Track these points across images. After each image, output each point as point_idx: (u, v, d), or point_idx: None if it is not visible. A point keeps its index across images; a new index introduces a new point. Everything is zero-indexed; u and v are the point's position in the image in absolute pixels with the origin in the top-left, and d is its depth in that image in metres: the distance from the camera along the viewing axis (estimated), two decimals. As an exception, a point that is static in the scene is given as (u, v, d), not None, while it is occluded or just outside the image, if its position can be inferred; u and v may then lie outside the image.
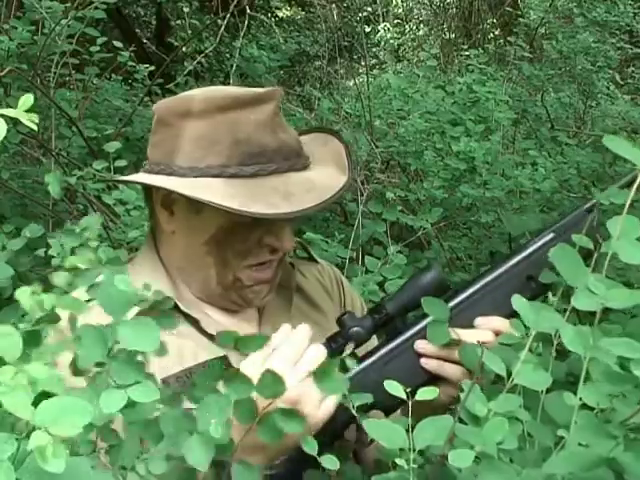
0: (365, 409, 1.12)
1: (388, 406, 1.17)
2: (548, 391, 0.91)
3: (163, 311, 0.90)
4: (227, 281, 1.30)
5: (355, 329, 1.22)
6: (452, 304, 1.20)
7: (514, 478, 0.81)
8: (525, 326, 0.93)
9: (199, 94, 1.29)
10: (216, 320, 1.32)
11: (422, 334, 1.20)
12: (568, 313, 0.89)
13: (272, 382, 0.91)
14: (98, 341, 0.84)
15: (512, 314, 1.06)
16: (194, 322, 1.29)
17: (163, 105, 1.32)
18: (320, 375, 0.96)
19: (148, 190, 1.34)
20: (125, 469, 0.83)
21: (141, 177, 1.31)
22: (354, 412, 1.05)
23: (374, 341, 1.30)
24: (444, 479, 0.87)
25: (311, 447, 0.95)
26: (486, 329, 1.18)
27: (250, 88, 1.34)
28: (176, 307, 1.28)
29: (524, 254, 1.21)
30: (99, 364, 0.84)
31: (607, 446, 0.76)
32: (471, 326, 1.20)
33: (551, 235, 1.20)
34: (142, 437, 0.85)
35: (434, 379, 1.19)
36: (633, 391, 0.81)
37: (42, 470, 0.68)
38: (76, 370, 0.85)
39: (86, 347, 0.84)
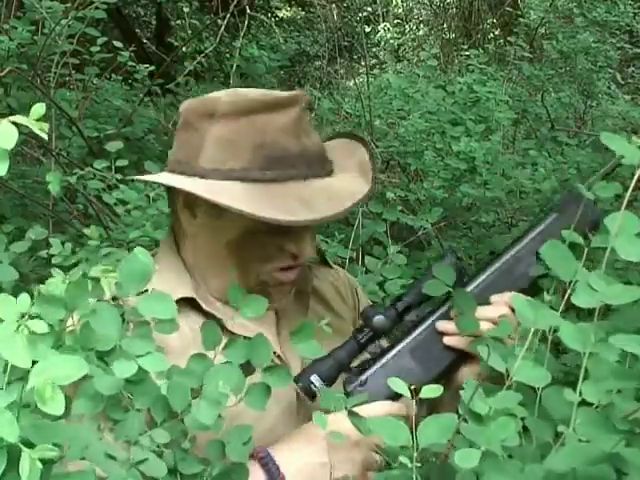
0: (395, 395, 1.17)
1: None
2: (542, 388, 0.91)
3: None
4: (250, 284, 1.29)
5: (379, 318, 1.26)
6: (470, 288, 1.27)
7: (518, 476, 0.81)
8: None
9: (225, 96, 1.28)
10: (238, 322, 1.32)
11: (444, 317, 1.27)
12: (561, 308, 0.89)
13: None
14: (112, 314, 0.87)
15: (526, 291, 1.18)
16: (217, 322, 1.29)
17: (189, 106, 1.32)
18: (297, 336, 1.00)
19: (171, 190, 1.34)
20: (129, 442, 0.85)
21: (164, 177, 1.30)
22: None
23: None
24: (446, 477, 0.88)
25: None
26: (502, 304, 1.23)
27: (275, 91, 1.32)
28: (199, 307, 1.30)
29: (532, 235, 1.27)
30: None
31: (609, 441, 0.76)
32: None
33: (554, 215, 1.27)
34: (149, 410, 0.87)
35: (459, 359, 1.25)
36: (631, 387, 0.81)
37: (42, 422, 0.71)
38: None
39: (101, 320, 0.86)
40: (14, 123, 0.77)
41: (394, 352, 1.26)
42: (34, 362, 0.73)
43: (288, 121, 1.26)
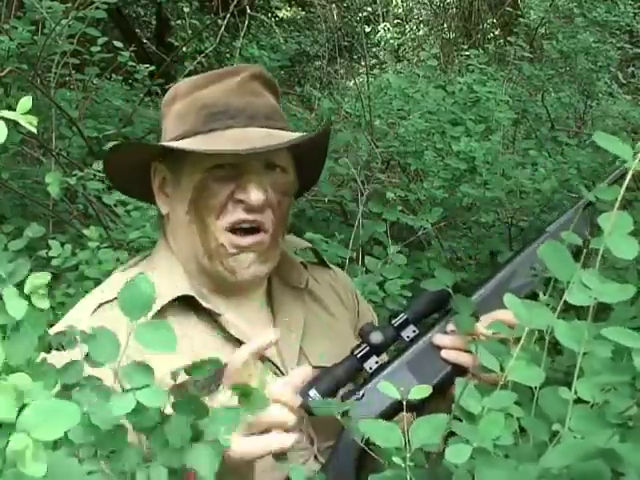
0: (393, 410, 1.19)
1: (415, 405, 1.20)
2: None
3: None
4: (210, 248, 1.31)
5: (376, 334, 1.28)
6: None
7: (511, 473, 0.81)
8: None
9: (184, 80, 1.41)
10: (232, 322, 1.32)
11: (441, 332, 1.30)
12: (559, 308, 0.89)
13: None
14: (111, 343, 0.85)
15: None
16: (212, 318, 1.30)
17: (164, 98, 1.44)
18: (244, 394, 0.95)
19: (154, 181, 1.40)
20: (125, 475, 0.83)
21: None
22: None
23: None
24: (440, 476, 0.88)
25: None
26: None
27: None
28: (194, 302, 1.30)
29: (525, 252, 1.31)
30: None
31: (603, 437, 0.76)
32: None
33: (547, 234, 1.30)
34: (146, 443, 0.85)
35: (454, 372, 1.25)
36: (625, 384, 0.81)
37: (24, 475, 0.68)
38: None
39: (99, 348, 0.84)
40: (3, 118, 0.76)
41: (391, 367, 1.28)
42: (24, 407, 0.70)
43: (231, 85, 1.35)
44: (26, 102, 0.79)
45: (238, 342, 1.28)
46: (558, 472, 0.79)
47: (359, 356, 1.27)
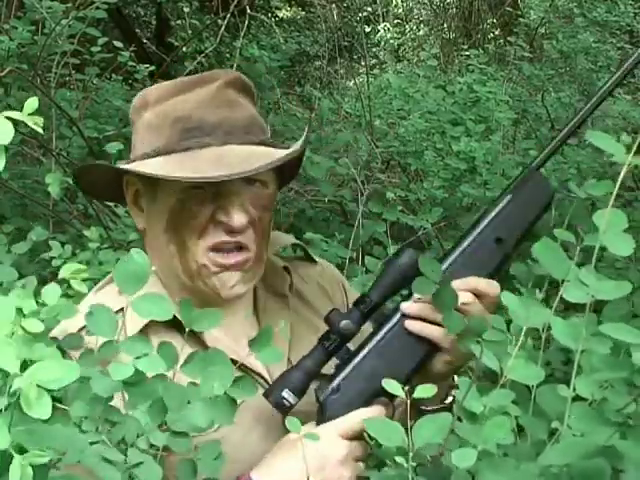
0: (371, 397, 1.18)
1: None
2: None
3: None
4: (191, 269, 1.26)
5: (344, 323, 1.23)
6: None
7: (514, 475, 0.81)
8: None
9: (154, 87, 1.34)
10: (216, 336, 1.28)
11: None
12: (555, 305, 0.89)
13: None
14: (109, 318, 0.87)
15: (491, 275, 1.21)
16: (196, 335, 1.24)
17: (132, 104, 1.36)
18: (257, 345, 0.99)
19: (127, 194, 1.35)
20: (126, 444, 0.84)
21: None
22: None
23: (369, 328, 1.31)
24: (441, 476, 0.88)
25: None
26: (464, 290, 1.19)
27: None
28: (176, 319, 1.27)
29: (488, 219, 1.26)
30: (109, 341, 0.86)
31: (604, 434, 0.76)
32: None
33: (508, 197, 1.26)
34: (145, 413, 0.87)
35: (429, 352, 1.22)
36: (623, 381, 0.81)
37: (36, 427, 0.70)
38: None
39: (97, 323, 0.86)
40: (9, 118, 0.76)
41: (363, 354, 1.23)
42: (27, 363, 0.72)
43: (205, 95, 1.28)
44: (32, 103, 0.79)
45: None
46: (558, 470, 0.79)
47: (330, 348, 1.22)
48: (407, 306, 1.22)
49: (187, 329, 0.98)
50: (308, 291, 1.44)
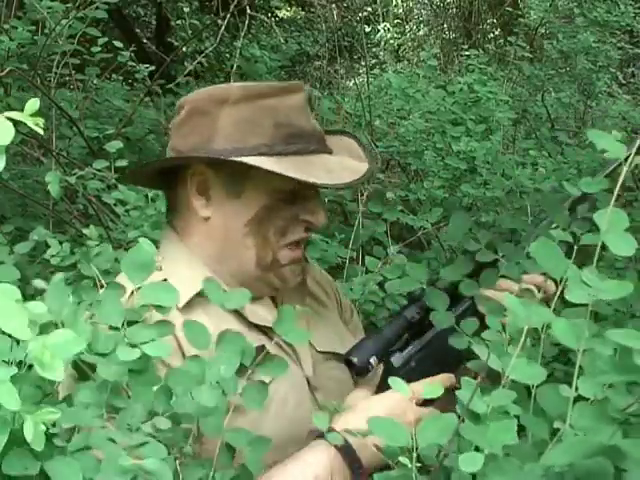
0: (439, 369, 1.26)
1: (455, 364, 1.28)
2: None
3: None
4: (266, 262, 1.35)
5: (422, 302, 1.32)
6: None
7: (518, 476, 0.81)
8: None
9: (235, 85, 1.37)
10: (252, 310, 1.35)
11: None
12: (553, 305, 0.89)
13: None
14: (117, 304, 0.88)
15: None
16: (234, 311, 1.31)
17: (197, 96, 1.36)
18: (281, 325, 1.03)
19: (172, 181, 1.37)
20: (131, 429, 0.85)
21: (194, 158, 1.33)
22: None
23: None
24: (445, 477, 0.88)
25: None
26: (530, 284, 1.26)
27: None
28: None
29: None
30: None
31: (606, 433, 0.76)
32: None
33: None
34: (151, 398, 0.88)
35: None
36: (625, 381, 0.81)
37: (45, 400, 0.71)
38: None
39: (106, 309, 0.87)
40: (10, 119, 0.76)
41: (435, 331, 1.31)
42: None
43: (298, 103, 1.34)
44: (33, 104, 0.79)
45: (258, 329, 1.33)
46: (561, 470, 0.79)
47: (413, 320, 1.31)
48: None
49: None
50: (312, 285, 1.52)
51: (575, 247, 0.93)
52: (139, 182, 1.64)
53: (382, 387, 1.27)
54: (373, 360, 1.28)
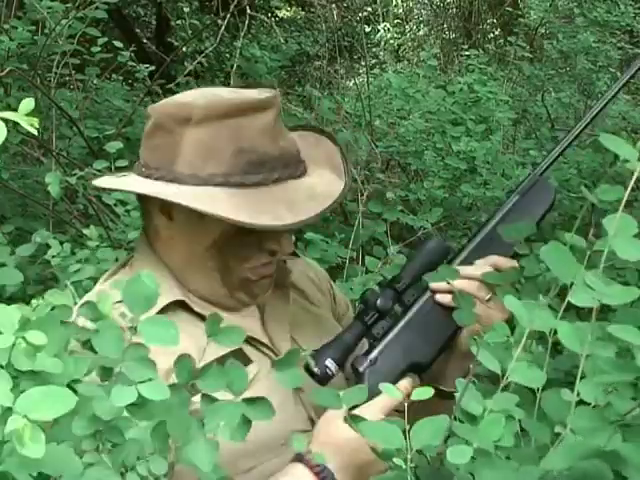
0: (407, 369, 1.28)
1: (423, 364, 1.31)
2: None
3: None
4: (232, 283, 1.31)
5: (380, 300, 1.32)
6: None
7: (511, 474, 0.81)
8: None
9: (199, 99, 1.26)
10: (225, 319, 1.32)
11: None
12: (562, 310, 0.89)
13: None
14: (115, 337, 0.85)
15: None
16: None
17: (162, 109, 1.29)
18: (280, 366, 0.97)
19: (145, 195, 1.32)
20: (126, 468, 0.83)
21: (144, 187, 1.28)
22: None
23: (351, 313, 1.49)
24: (441, 478, 0.88)
25: None
26: (484, 265, 1.31)
27: (247, 91, 1.31)
28: (187, 307, 1.30)
29: (499, 217, 1.41)
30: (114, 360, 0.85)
31: (605, 436, 0.76)
32: None
33: (517, 197, 1.44)
34: (148, 437, 0.85)
35: (459, 328, 1.31)
36: (628, 384, 0.81)
37: (25, 457, 0.69)
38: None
39: (103, 342, 0.85)
40: (4, 119, 0.76)
41: (398, 329, 1.31)
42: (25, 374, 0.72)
43: (265, 124, 1.26)
44: (28, 104, 0.79)
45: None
46: (558, 473, 0.79)
47: (369, 322, 1.30)
48: (435, 285, 1.32)
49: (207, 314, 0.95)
50: (300, 282, 1.49)
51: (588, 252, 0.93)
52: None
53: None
54: (329, 363, 1.25)
